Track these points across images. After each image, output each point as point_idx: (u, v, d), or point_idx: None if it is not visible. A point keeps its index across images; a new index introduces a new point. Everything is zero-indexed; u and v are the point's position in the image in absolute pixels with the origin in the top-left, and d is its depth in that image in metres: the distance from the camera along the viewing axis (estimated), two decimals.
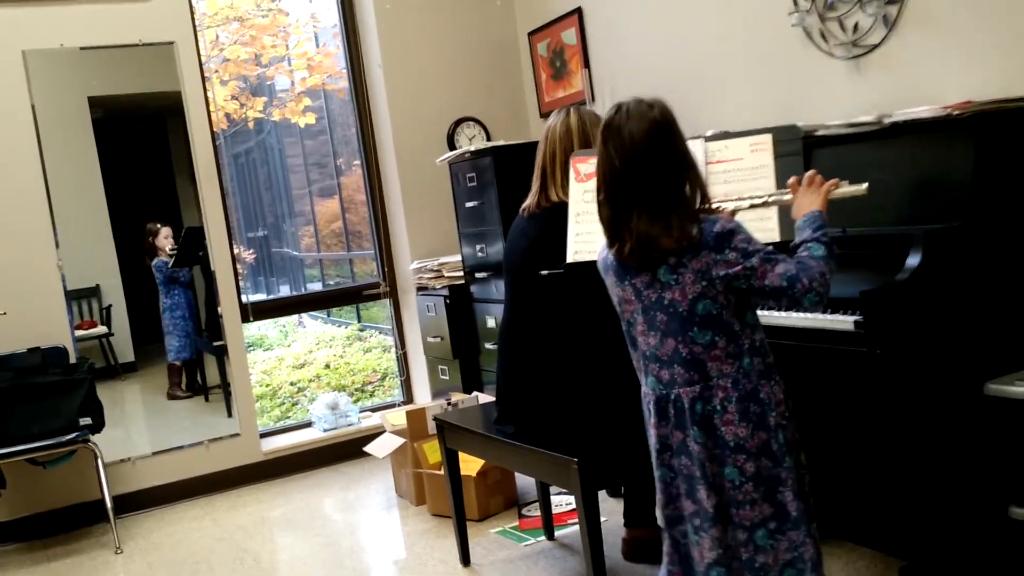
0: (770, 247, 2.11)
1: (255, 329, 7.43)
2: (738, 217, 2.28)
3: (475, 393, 4.31)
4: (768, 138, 2.59)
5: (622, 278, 2.22)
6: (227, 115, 6.62)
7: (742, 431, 2.13)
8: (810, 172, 2.29)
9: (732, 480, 2.14)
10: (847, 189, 2.28)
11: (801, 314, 2.74)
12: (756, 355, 2.16)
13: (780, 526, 2.15)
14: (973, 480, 2.63)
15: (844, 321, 2.61)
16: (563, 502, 3.82)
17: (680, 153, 2.16)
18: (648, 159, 2.12)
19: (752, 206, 2.35)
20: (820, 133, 3.07)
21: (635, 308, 2.21)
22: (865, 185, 2.28)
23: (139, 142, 5.06)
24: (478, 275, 4.67)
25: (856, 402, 2.88)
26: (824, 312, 2.70)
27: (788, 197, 2.33)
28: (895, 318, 2.54)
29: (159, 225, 4.92)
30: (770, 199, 2.35)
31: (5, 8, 4.35)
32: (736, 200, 2.35)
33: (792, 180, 2.32)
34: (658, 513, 2.28)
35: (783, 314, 2.78)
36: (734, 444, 2.13)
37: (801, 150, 2.54)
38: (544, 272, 2.93)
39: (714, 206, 2.26)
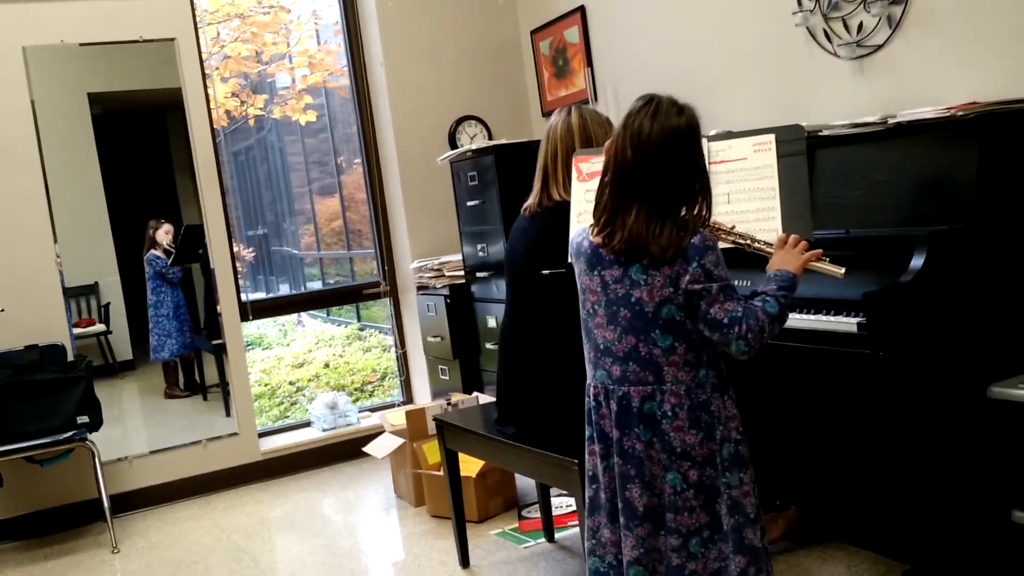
0: (733, 282, 2.14)
1: (254, 328, 7.41)
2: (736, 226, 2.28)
3: (475, 393, 4.30)
4: (771, 138, 2.58)
5: (592, 267, 2.22)
6: (227, 112, 6.60)
7: (690, 438, 2.15)
8: (795, 236, 2.29)
9: (674, 486, 2.16)
10: (827, 266, 2.28)
11: (804, 315, 2.73)
12: (712, 368, 2.19)
13: (713, 535, 2.17)
14: (976, 483, 2.61)
15: (847, 323, 2.60)
16: (563, 504, 3.81)
17: (693, 165, 2.16)
18: (659, 162, 2.12)
19: (735, 243, 2.35)
20: (824, 133, 3.06)
21: (598, 299, 2.22)
22: (843, 270, 2.28)
23: (139, 139, 5.05)
24: (479, 274, 4.65)
25: (858, 404, 2.87)
26: (827, 314, 2.68)
27: (771, 250, 2.31)
28: (898, 320, 2.52)
29: (162, 221, 4.90)
30: (753, 244, 2.35)
31: (5, 4, 4.33)
32: (723, 231, 2.34)
33: (780, 236, 2.32)
34: (593, 508, 2.31)
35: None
36: (680, 450, 2.15)
37: (805, 150, 2.52)
38: (545, 272, 2.91)
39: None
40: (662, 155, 2.12)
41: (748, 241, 2.35)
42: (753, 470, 2.21)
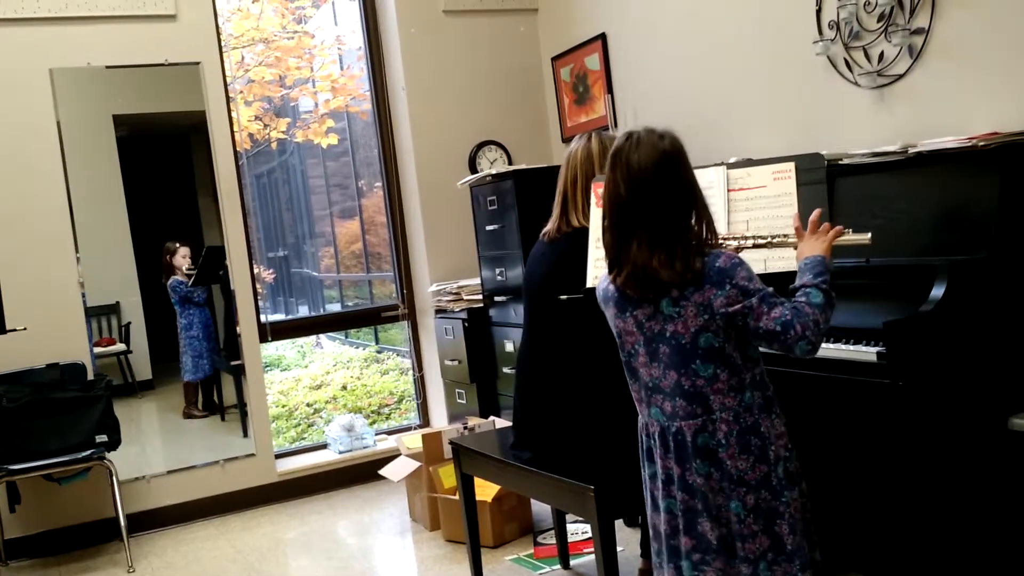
0: (770, 289, 2.11)
1: (273, 349, 7.44)
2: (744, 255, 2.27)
3: (492, 418, 4.29)
4: (791, 166, 2.58)
5: (623, 309, 2.21)
6: (250, 135, 6.67)
7: (742, 463, 2.13)
8: (814, 216, 2.27)
9: (738, 514, 2.14)
10: (851, 237, 2.27)
11: (823, 344, 2.71)
12: (757, 389, 2.17)
13: (776, 557, 2.15)
14: (995, 516, 2.58)
15: (867, 352, 2.59)
16: (579, 530, 3.79)
17: (687, 185, 2.15)
18: (654, 189, 2.11)
19: (756, 245, 2.33)
20: (844, 162, 3.05)
21: (636, 339, 2.21)
22: (868, 235, 2.27)
23: (162, 160, 5.09)
24: (497, 299, 4.65)
25: (877, 434, 2.84)
26: (847, 343, 2.67)
27: (793, 239, 2.31)
28: (919, 350, 2.50)
29: (177, 244, 4.93)
30: (774, 240, 2.34)
31: (33, 27, 4.39)
32: (740, 239, 2.33)
33: (797, 223, 2.31)
34: (658, 546, 2.27)
35: None
36: (736, 477, 2.14)
37: (825, 179, 2.52)
38: (563, 297, 2.91)
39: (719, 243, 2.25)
40: (654, 181, 2.11)
41: (768, 239, 2.34)
42: (805, 485, 2.20)
